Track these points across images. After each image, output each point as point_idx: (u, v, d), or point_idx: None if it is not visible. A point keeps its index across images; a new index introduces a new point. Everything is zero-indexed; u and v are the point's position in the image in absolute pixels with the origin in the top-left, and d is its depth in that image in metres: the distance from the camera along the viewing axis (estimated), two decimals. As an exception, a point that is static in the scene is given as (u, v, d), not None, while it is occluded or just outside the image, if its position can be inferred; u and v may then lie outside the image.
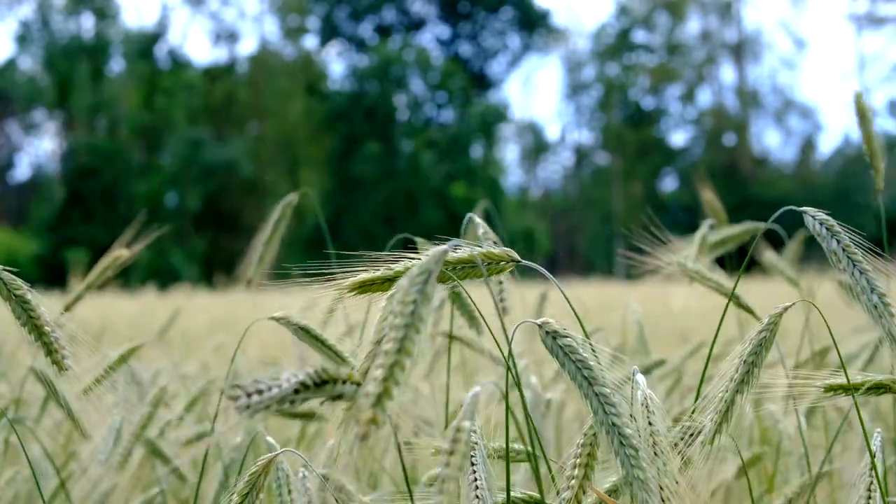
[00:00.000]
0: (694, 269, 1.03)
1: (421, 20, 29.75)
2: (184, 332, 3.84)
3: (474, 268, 0.65)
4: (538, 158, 30.72)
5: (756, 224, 1.26)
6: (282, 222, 1.28)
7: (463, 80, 27.01)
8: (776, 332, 0.71)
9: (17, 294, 0.72)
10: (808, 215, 0.71)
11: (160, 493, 1.19)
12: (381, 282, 0.64)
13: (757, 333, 0.71)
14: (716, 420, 0.70)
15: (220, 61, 27.78)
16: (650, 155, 28.51)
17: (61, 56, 25.20)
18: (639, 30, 29.79)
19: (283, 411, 1.07)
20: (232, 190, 24.63)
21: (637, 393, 0.63)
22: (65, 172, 25.14)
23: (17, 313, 0.71)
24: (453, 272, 0.64)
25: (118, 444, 1.07)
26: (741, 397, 0.70)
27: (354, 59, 28.45)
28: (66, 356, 0.71)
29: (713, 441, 0.69)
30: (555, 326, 0.61)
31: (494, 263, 0.65)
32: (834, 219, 0.71)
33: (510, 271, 0.66)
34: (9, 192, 26.84)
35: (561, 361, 0.61)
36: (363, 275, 0.64)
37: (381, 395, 0.45)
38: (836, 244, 0.69)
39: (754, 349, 0.71)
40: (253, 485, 0.68)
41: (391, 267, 0.64)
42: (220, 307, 6.76)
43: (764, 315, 0.73)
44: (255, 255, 1.28)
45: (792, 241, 1.53)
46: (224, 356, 2.89)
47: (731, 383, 0.70)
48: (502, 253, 0.65)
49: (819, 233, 0.70)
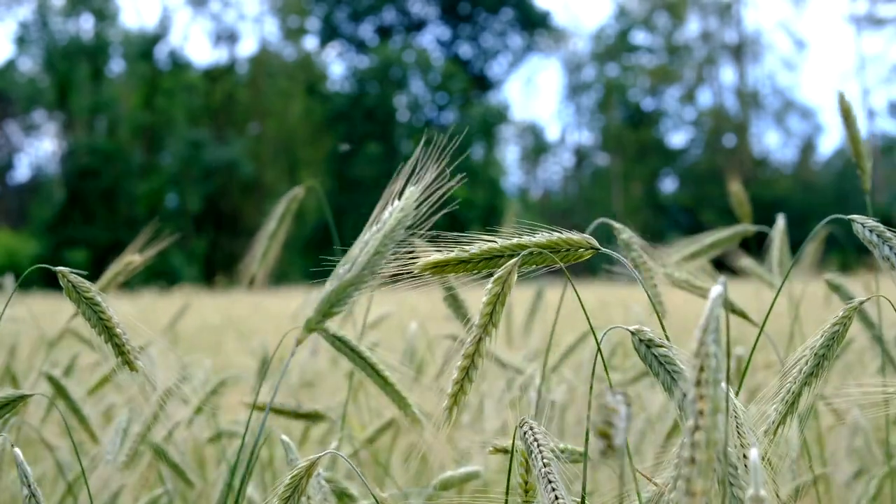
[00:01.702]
0: (681, 279, 1.02)
1: (421, 21, 29.76)
2: (183, 333, 3.84)
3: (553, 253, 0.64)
4: (538, 159, 30.73)
5: (746, 227, 1.26)
6: (286, 217, 1.25)
7: (463, 81, 27.00)
8: (849, 326, 0.70)
9: (87, 297, 0.73)
10: (857, 223, 0.70)
11: (165, 494, 1.19)
12: (456, 263, 0.64)
13: (830, 326, 0.70)
14: (781, 411, 0.69)
15: (220, 62, 27.80)
16: (650, 156, 28.51)
17: (61, 57, 25.19)
18: (638, 31, 29.81)
19: (288, 412, 1.07)
20: (232, 191, 24.63)
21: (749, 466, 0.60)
22: (65, 173, 25.13)
23: (88, 315, 0.72)
24: (531, 257, 0.64)
25: (124, 445, 1.07)
26: (808, 390, 0.69)
27: (354, 59, 28.47)
28: (138, 357, 0.72)
29: (776, 432, 0.68)
30: (650, 335, 0.60)
31: (573, 250, 0.65)
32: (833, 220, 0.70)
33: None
34: (9, 192, 26.84)
35: (655, 371, 0.59)
36: (436, 255, 0.63)
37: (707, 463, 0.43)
38: (888, 250, 0.69)
39: (826, 342, 0.70)
40: (295, 487, 0.68)
41: (466, 248, 0.63)
42: (221, 308, 6.76)
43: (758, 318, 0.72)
44: (258, 250, 1.24)
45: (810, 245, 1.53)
46: (227, 356, 2.89)
47: (800, 375, 0.69)
48: (581, 240, 0.65)
49: (871, 240, 0.69)
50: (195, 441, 1.46)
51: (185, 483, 1.22)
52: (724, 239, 1.25)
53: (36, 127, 26.84)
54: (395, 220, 0.61)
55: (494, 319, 0.62)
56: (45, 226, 22.75)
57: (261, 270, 1.24)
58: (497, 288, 0.62)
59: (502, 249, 0.64)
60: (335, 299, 0.59)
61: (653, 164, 28.43)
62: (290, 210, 1.25)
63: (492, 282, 0.62)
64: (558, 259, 0.64)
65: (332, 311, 0.59)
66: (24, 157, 29.29)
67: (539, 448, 0.63)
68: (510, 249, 0.64)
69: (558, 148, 30.96)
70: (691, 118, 29.69)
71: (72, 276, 0.73)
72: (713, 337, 0.45)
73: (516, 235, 0.65)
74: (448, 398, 0.61)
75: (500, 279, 0.62)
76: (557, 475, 0.62)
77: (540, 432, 0.64)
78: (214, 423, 1.39)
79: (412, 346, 1.38)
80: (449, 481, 0.97)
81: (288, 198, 1.25)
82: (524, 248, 0.64)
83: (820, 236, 1.63)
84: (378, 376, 0.85)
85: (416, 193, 0.62)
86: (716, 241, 1.24)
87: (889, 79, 29.09)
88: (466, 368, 0.62)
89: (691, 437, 0.43)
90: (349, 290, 0.59)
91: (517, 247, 0.64)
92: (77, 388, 1.19)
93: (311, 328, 0.58)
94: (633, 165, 28.02)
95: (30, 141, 27.45)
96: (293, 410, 1.06)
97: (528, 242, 0.64)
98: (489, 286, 0.62)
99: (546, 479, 0.62)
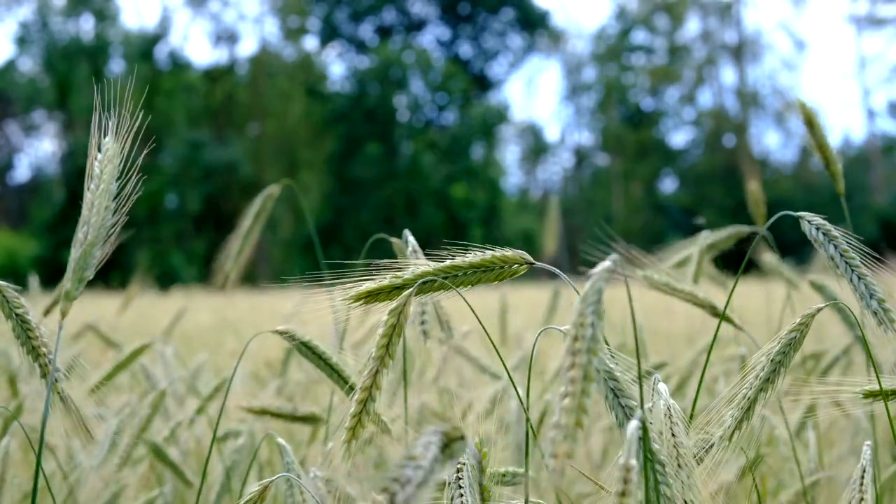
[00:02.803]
0: (662, 282, 1.02)
1: (421, 21, 29.75)
2: (185, 333, 3.84)
3: (486, 272, 0.63)
4: (538, 160, 30.72)
5: (743, 227, 1.26)
6: (262, 215, 1.21)
7: (463, 81, 26.99)
8: (806, 333, 0.70)
9: (18, 313, 0.70)
10: (805, 220, 0.70)
11: (161, 496, 1.19)
12: (389, 290, 0.62)
13: (787, 333, 0.70)
14: (736, 416, 0.68)
15: (220, 62, 27.79)
16: (650, 156, 28.50)
17: (61, 57, 25.19)
18: (638, 31, 29.80)
19: (284, 415, 1.07)
20: (232, 191, 24.60)
21: (660, 402, 0.60)
22: (65, 173, 25.13)
23: (17, 332, 0.70)
24: (465, 277, 0.63)
25: (114, 448, 1.07)
26: (764, 395, 0.69)
27: (355, 60, 28.45)
28: (60, 378, 0.69)
29: (731, 438, 0.68)
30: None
31: (508, 266, 0.64)
32: (833, 221, 0.70)
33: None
34: (9, 193, 26.84)
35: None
36: (368, 284, 0.62)
37: (573, 427, 0.44)
38: (833, 249, 0.69)
39: (783, 348, 0.69)
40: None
41: (398, 275, 0.62)
42: (220, 308, 6.75)
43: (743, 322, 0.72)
44: (232, 248, 1.20)
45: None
46: (225, 356, 2.89)
47: (756, 381, 0.69)
48: (515, 255, 0.64)
49: (816, 238, 0.69)
50: (197, 442, 1.46)
51: (183, 483, 1.22)
52: (722, 240, 1.25)
53: (36, 127, 26.84)
54: (108, 174, 0.62)
55: (391, 352, 0.60)
56: (45, 226, 22.75)
57: (234, 269, 1.21)
58: (392, 319, 0.60)
59: (436, 272, 0.63)
60: (85, 264, 0.61)
61: (653, 164, 28.42)
62: (265, 208, 1.22)
63: (387, 313, 0.60)
64: (493, 277, 0.63)
65: (85, 276, 0.62)
66: (24, 158, 29.29)
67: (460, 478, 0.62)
68: (444, 272, 0.63)
69: (558, 148, 30.97)
70: (691, 118, 29.70)
71: (7, 291, 0.71)
72: (592, 308, 0.46)
73: (449, 257, 0.63)
74: (346, 432, 0.60)
75: (395, 311, 0.60)
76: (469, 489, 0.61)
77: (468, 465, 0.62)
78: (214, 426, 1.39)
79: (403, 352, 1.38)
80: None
81: (263, 196, 1.22)
82: (459, 270, 0.63)
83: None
84: (344, 382, 0.83)
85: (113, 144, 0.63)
86: (715, 242, 1.24)
87: (889, 79, 29.09)
88: (364, 401, 0.60)
89: (560, 403, 0.44)
90: (94, 251, 0.62)
91: (451, 269, 0.63)
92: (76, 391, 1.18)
93: (72, 297, 0.60)
94: (633, 166, 28.01)
95: (30, 141, 27.46)
96: (290, 413, 1.06)
97: (462, 263, 0.63)
98: (385, 318, 0.60)
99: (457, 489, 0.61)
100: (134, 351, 1.14)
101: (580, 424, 0.44)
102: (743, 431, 0.68)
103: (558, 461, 0.43)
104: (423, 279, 0.62)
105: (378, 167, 24.75)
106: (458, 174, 25.31)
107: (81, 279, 0.60)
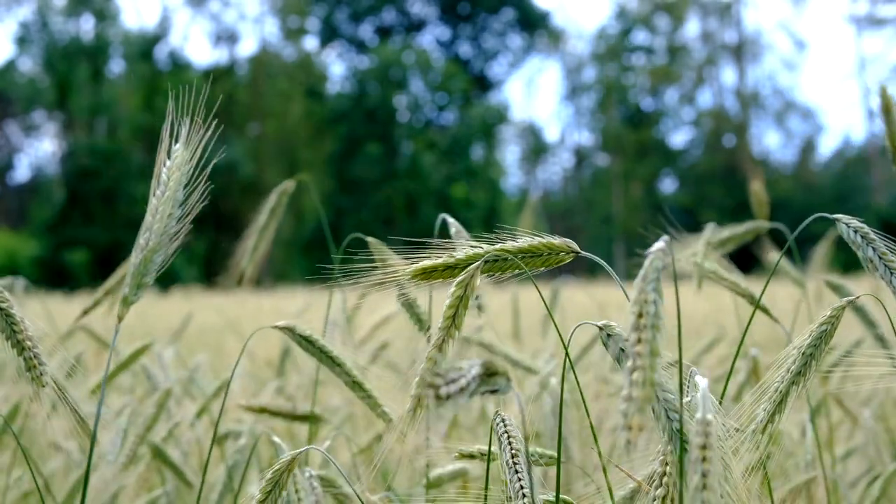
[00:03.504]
0: (710, 270, 1.03)
1: (421, 21, 29.76)
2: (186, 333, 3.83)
3: (533, 258, 0.64)
4: (538, 160, 30.73)
5: (758, 223, 1.26)
6: (277, 211, 1.21)
7: (463, 81, 27.00)
8: (837, 326, 0.70)
9: (3, 307, 0.68)
10: (842, 223, 0.70)
11: (164, 495, 1.19)
12: (443, 269, 0.64)
13: (818, 326, 0.70)
14: (769, 410, 0.69)
15: (220, 62, 27.80)
16: (650, 156, 28.51)
17: (61, 57, 25.19)
18: (638, 31, 29.80)
19: (284, 413, 1.07)
20: (232, 191, 24.62)
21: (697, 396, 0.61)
22: (65, 174, 25.13)
23: (1, 326, 0.68)
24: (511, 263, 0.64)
25: (125, 445, 1.07)
26: (796, 389, 0.69)
27: (355, 60, 28.46)
28: (45, 372, 0.68)
29: (765, 430, 0.68)
30: (617, 329, 0.61)
31: (554, 254, 0.65)
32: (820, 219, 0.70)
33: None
34: (9, 193, 26.84)
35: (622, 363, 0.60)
36: (426, 261, 0.64)
37: (644, 400, 0.45)
38: (872, 251, 0.68)
39: (814, 341, 0.69)
40: (276, 482, 0.68)
41: (453, 255, 0.64)
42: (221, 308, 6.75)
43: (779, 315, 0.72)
44: (248, 245, 1.20)
45: (821, 245, 1.53)
46: (226, 357, 2.89)
47: (787, 374, 0.69)
48: (562, 244, 0.65)
49: (854, 240, 0.69)
50: (198, 442, 1.46)
51: (183, 483, 1.22)
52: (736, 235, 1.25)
53: (36, 127, 26.85)
54: (175, 181, 0.62)
55: (457, 322, 0.62)
56: (45, 226, 22.75)
57: (250, 266, 1.21)
58: (459, 291, 0.62)
59: (486, 255, 0.64)
60: (145, 269, 0.61)
61: (653, 164, 28.43)
62: (280, 204, 1.22)
63: (454, 285, 0.62)
64: (539, 263, 0.64)
65: (145, 281, 0.61)
66: (24, 158, 29.30)
67: (509, 440, 0.64)
68: (494, 255, 0.64)
69: (558, 148, 30.98)
70: (691, 118, 29.71)
71: None
72: (653, 286, 0.48)
73: (499, 241, 0.65)
74: (412, 400, 0.61)
75: (462, 283, 0.62)
76: (525, 466, 0.62)
77: (511, 425, 0.64)
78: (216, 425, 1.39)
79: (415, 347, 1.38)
80: (439, 479, 0.98)
81: (278, 191, 1.22)
82: (508, 253, 0.64)
83: (830, 235, 1.63)
84: (347, 376, 0.84)
85: (183, 151, 0.63)
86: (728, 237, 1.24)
87: (889, 79, 29.11)
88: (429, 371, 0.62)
89: (630, 377, 0.46)
90: (155, 257, 0.62)
91: (501, 252, 0.64)
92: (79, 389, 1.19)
93: (131, 301, 0.60)
94: (633, 166, 28.01)
95: (30, 141, 27.47)
96: (290, 413, 1.06)
97: (511, 248, 0.64)
98: (452, 289, 0.62)
99: (513, 469, 0.63)
100: (134, 352, 1.14)
101: (650, 397, 0.45)
102: (775, 425, 0.69)
103: (633, 434, 0.44)
104: (475, 260, 0.64)
105: (378, 167, 24.75)
106: (458, 174, 25.31)
107: (140, 285, 0.60)
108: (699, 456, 0.49)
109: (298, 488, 0.71)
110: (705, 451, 0.49)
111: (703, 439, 0.49)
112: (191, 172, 0.62)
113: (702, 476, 0.48)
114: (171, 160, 0.61)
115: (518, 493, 0.62)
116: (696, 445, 0.49)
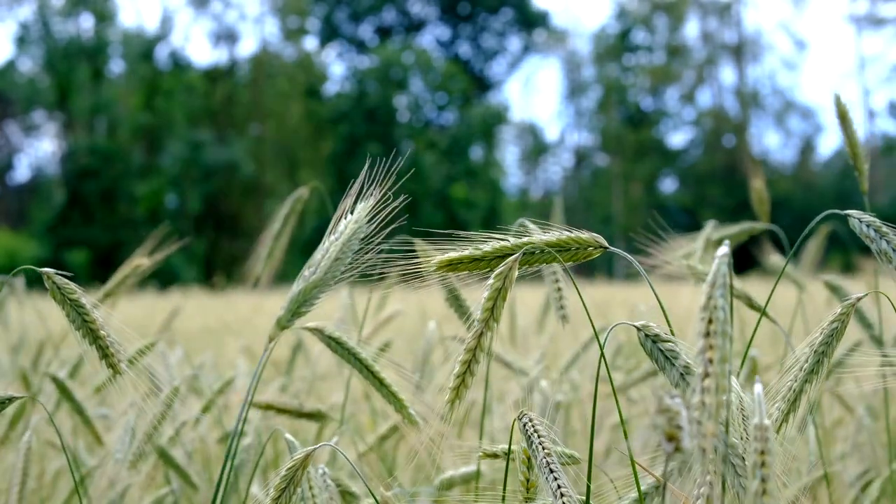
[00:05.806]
0: (703, 271, 1.03)
1: (421, 21, 29.75)
2: (184, 334, 3.84)
3: (562, 252, 0.64)
4: (538, 160, 30.72)
5: (754, 224, 1.26)
6: (291, 218, 1.24)
7: (463, 81, 26.99)
8: (848, 323, 0.70)
9: (72, 299, 0.71)
10: (855, 218, 0.70)
11: (170, 493, 1.19)
12: (469, 261, 0.64)
13: (829, 323, 0.70)
14: (783, 409, 0.69)
15: (220, 63, 27.79)
16: (650, 156, 28.50)
17: (61, 57, 25.18)
18: (638, 31, 29.79)
19: (290, 411, 1.07)
20: (232, 191, 24.62)
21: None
22: (65, 174, 25.12)
23: (72, 317, 0.71)
24: (542, 255, 0.64)
25: (133, 444, 1.07)
26: (810, 386, 0.69)
27: (355, 60, 28.46)
28: (122, 360, 0.71)
29: (779, 430, 0.68)
30: (655, 330, 0.60)
31: (583, 248, 0.65)
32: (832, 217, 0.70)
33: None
34: (9, 193, 26.83)
35: (661, 366, 0.60)
36: (451, 253, 0.64)
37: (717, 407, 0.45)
38: (885, 245, 0.69)
39: (826, 339, 0.70)
40: (290, 479, 0.68)
41: (479, 247, 0.64)
42: (221, 308, 6.75)
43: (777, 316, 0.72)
44: (263, 251, 1.24)
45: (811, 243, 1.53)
46: (229, 357, 2.89)
47: (800, 373, 0.69)
48: (590, 238, 0.65)
49: (868, 235, 0.69)
50: (202, 441, 1.46)
51: (188, 485, 1.22)
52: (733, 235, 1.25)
53: (36, 127, 26.84)
54: (351, 231, 0.63)
55: (496, 314, 0.62)
56: (45, 226, 22.74)
57: (266, 271, 1.24)
58: (498, 283, 0.62)
59: (514, 248, 0.64)
60: (303, 299, 0.62)
61: (652, 164, 28.42)
62: (294, 211, 1.25)
63: (493, 277, 0.62)
64: (567, 258, 0.65)
65: (301, 311, 0.62)
66: (24, 158, 29.31)
67: (540, 439, 0.64)
68: (521, 248, 0.64)
69: (558, 148, 30.97)
70: (691, 118, 29.70)
71: (57, 277, 0.72)
72: (721, 292, 0.48)
73: (526, 234, 0.65)
74: (450, 392, 0.62)
75: (500, 274, 0.62)
76: (559, 466, 0.63)
77: (541, 424, 0.65)
78: (221, 424, 1.39)
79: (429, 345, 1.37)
80: (450, 481, 0.98)
81: (292, 198, 1.25)
82: (535, 247, 0.64)
83: (821, 234, 1.63)
84: (374, 377, 0.84)
85: (366, 209, 0.65)
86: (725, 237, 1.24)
87: (889, 79, 29.09)
88: (468, 362, 0.62)
89: (701, 384, 0.46)
90: (314, 291, 0.62)
91: (528, 245, 0.64)
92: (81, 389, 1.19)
93: (283, 326, 0.61)
94: (633, 166, 28.01)
95: (30, 141, 27.46)
96: (296, 410, 1.06)
97: (539, 241, 0.64)
98: (490, 282, 0.62)
99: (549, 468, 0.62)
100: (137, 351, 1.14)
101: (722, 404, 0.45)
102: (790, 424, 0.69)
103: (707, 440, 0.44)
104: (501, 253, 0.64)
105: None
106: (458, 174, 25.30)
107: (296, 313, 0.62)
108: (758, 461, 0.49)
109: (312, 485, 0.71)
110: (764, 457, 0.49)
111: (762, 444, 0.49)
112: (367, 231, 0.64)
113: (761, 481, 0.49)
114: (353, 214, 0.64)
115: (556, 492, 0.62)
116: (755, 451, 0.49)
